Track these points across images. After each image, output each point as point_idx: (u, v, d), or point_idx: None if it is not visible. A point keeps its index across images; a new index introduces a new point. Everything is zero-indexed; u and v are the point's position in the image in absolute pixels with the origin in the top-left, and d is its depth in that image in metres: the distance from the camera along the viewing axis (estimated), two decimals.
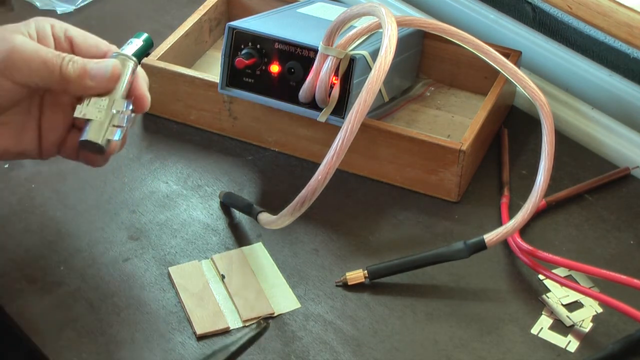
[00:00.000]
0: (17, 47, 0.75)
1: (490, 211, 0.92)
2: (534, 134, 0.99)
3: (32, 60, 0.75)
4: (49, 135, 0.80)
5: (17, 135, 0.79)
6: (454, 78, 1.05)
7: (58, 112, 0.80)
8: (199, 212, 0.91)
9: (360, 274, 0.84)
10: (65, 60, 0.76)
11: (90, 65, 0.76)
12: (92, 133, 0.76)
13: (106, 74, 0.77)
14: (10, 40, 0.75)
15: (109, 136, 0.77)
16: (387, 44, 0.78)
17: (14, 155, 0.80)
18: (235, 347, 0.75)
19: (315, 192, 0.76)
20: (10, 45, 0.75)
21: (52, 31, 0.79)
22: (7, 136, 0.79)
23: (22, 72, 0.75)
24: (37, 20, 0.79)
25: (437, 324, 0.81)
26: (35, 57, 0.75)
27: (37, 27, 0.78)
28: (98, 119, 0.77)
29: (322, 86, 0.88)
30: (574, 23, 1.01)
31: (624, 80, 0.99)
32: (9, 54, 0.74)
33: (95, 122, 0.77)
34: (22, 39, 0.76)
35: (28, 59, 0.75)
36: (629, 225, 0.90)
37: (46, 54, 0.76)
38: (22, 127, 0.79)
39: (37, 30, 0.78)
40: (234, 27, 0.92)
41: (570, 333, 0.80)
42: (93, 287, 0.83)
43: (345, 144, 0.75)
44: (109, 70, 0.77)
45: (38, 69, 0.75)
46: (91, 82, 0.76)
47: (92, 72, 0.76)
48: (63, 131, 0.80)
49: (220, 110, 0.98)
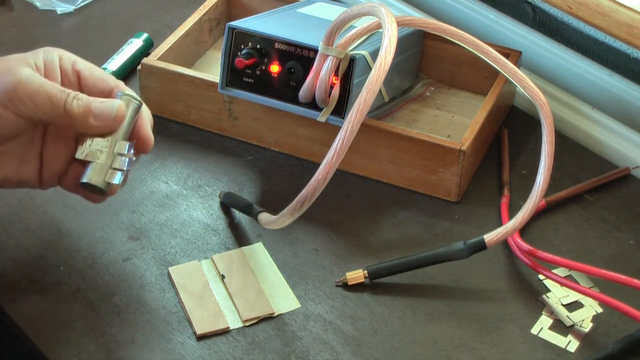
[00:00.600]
0: (23, 80, 0.74)
1: (490, 211, 0.92)
2: (534, 134, 0.99)
3: (37, 95, 0.74)
4: (50, 166, 0.80)
5: (18, 165, 0.79)
6: (454, 78, 1.05)
7: (61, 144, 0.79)
8: (199, 212, 0.91)
9: (360, 274, 0.84)
10: (70, 97, 0.75)
11: (94, 105, 0.76)
12: (92, 175, 0.76)
13: (111, 114, 0.76)
14: (16, 72, 0.75)
15: (109, 179, 0.76)
16: (387, 43, 0.78)
17: (14, 183, 0.80)
18: None
19: (315, 192, 0.76)
20: (16, 77, 0.74)
21: (60, 63, 0.78)
22: (8, 165, 0.78)
23: (26, 106, 0.74)
24: (45, 50, 0.79)
25: (437, 324, 0.81)
26: (40, 92, 0.75)
27: (45, 59, 0.78)
28: (99, 161, 0.76)
29: (322, 86, 0.88)
30: (574, 23, 1.02)
31: (624, 80, 0.99)
32: (14, 87, 0.74)
33: (96, 165, 0.76)
34: (28, 72, 0.75)
35: (33, 93, 0.74)
36: (629, 225, 0.90)
37: (51, 89, 0.75)
38: (23, 156, 0.79)
39: (44, 62, 0.77)
40: (234, 27, 0.92)
41: (570, 333, 0.81)
42: (93, 287, 0.83)
43: (346, 143, 0.75)
44: (113, 111, 0.76)
45: (43, 103, 0.75)
46: (95, 121, 0.76)
47: (97, 111, 0.76)
48: (64, 163, 0.80)
49: (220, 110, 0.98)
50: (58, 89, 0.76)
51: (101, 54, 1.08)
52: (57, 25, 1.15)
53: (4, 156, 0.78)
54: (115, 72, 1.05)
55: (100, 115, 0.76)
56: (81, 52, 1.10)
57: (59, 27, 1.15)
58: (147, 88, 1.00)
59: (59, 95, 0.75)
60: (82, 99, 0.76)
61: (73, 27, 1.15)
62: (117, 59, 1.06)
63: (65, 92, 0.76)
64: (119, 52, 1.08)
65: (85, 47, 1.11)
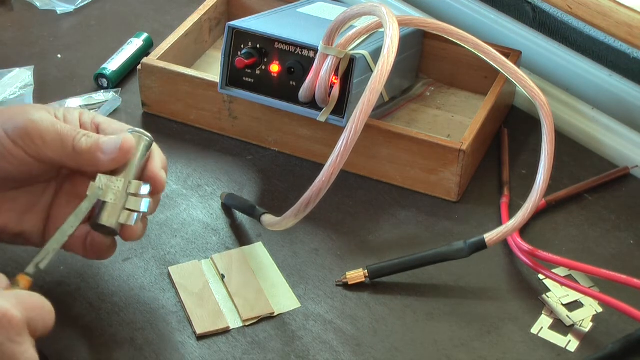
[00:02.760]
0: (36, 119, 0.74)
1: (490, 211, 0.92)
2: (534, 134, 0.99)
3: (47, 133, 0.74)
4: (58, 222, 0.77)
5: (21, 214, 0.78)
6: (454, 78, 1.05)
7: (73, 203, 0.77)
8: (199, 211, 0.91)
9: (361, 274, 0.84)
10: (80, 134, 0.75)
11: (102, 139, 0.75)
12: (105, 216, 0.75)
13: (117, 144, 0.75)
14: (30, 113, 0.75)
15: (123, 220, 0.75)
16: (389, 43, 0.78)
17: (13, 235, 0.78)
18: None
19: (319, 194, 0.76)
20: (29, 117, 0.74)
21: (79, 117, 0.78)
22: (10, 212, 0.77)
23: (36, 144, 0.74)
24: (67, 108, 0.79)
25: (437, 323, 0.81)
26: (50, 130, 0.74)
27: (66, 112, 0.78)
28: (112, 201, 0.75)
29: (322, 86, 0.88)
30: (574, 23, 1.02)
31: (624, 80, 0.99)
32: (25, 125, 0.74)
33: (108, 205, 0.75)
34: (43, 114, 0.75)
35: (44, 131, 0.74)
36: (629, 225, 0.90)
37: (62, 128, 0.75)
38: (29, 207, 0.78)
39: (64, 114, 0.77)
40: (234, 27, 0.92)
41: (570, 333, 0.81)
42: (93, 287, 0.83)
43: (350, 144, 0.75)
44: (119, 142, 0.75)
45: (52, 141, 0.74)
46: (102, 155, 0.75)
47: (104, 145, 0.75)
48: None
49: (220, 110, 0.98)
50: (69, 128, 0.75)
51: (101, 54, 1.08)
52: (57, 25, 1.15)
53: (9, 202, 0.77)
54: (115, 72, 1.05)
55: (108, 149, 0.75)
56: (81, 52, 1.11)
57: (59, 27, 1.15)
58: (147, 88, 1.00)
59: (70, 133, 0.75)
60: (92, 136, 0.75)
61: (73, 27, 1.15)
62: (117, 59, 1.06)
63: (76, 131, 0.75)
64: (119, 52, 1.08)
65: (85, 47, 1.11)
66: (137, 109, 1.02)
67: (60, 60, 1.09)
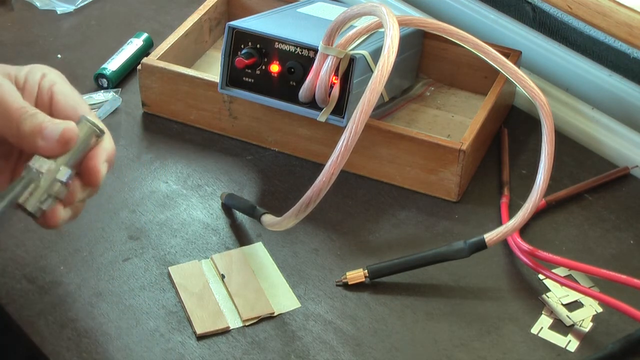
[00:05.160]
0: None
1: (490, 211, 0.92)
2: (534, 134, 0.99)
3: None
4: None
5: None
6: (454, 78, 1.05)
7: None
8: (199, 211, 0.91)
9: (361, 274, 0.84)
10: (27, 114, 0.71)
11: (46, 124, 0.71)
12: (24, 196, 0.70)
13: (57, 134, 0.70)
14: None
15: (43, 205, 0.70)
16: (389, 43, 0.78)
17: None
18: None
19: (320, 194, 0.76)
20: None
21: (40, 81, 0.74)
22: None
23: None
24: (33, 66, 0.75)
25: (437, 323, 0.81)
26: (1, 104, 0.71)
27: (28, 73, 0.74)
28: (35, 184, 0.70)
29: (322, 86, 0.88)
30: (574, 23, 1.02)
31: (624, 80, 0.99)
32: None
33: (31, 187, 0.70)
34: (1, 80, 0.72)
35: None
36: (629, 225, 0.90)
37: (12, 103, 0.71)
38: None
39: (26, 76, 0.74)
40: (234, 27, 0.92)
41: (570, 333, 0.81)
42: (93, 287, 0.83)
43: (350, 144, 0.75)
44: (58, 131, 0.70)
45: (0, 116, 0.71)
46: (42, 142, 0.71)
47: (45, 131, 0.71)
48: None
49: (220, 110, 0.98)
50: (19, 104, 0.71)
51: (101, 54, 1.08)
52: (57, 25, 1.15)
53: None
54: (115, 72, 1.05)
55: (48, 135, 0.71)
56: (81, 52, 1.11)
57: (59, 27, 1.15)
58: (147, 88, 1.00)
59: (16, 112, 0.71)
60: (37, 117, 0.71)
61: (73, 27, 1.15)
62: (117, 59, 1.06)
63: (23, 109, 0.71)
64: (119, 52, 1.08)
65: (85, 47, 1.11)
66: (137, 108, 1.02)
67: (60, 60, 1.09)
